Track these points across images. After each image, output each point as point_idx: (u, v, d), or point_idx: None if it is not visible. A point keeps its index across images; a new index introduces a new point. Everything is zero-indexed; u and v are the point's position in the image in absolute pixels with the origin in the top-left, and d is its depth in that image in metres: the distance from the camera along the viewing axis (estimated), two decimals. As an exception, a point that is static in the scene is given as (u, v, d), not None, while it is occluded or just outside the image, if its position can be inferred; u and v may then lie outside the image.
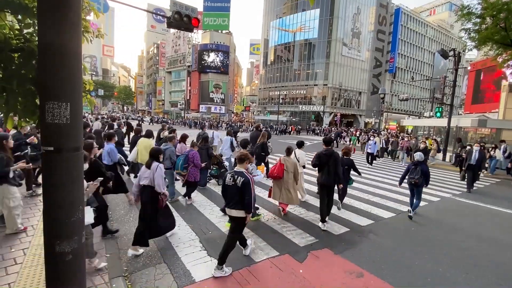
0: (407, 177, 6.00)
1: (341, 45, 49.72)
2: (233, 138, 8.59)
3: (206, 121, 39.20)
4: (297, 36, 52.71)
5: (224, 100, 64.57)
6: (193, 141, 6.39)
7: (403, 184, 6.22)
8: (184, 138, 6.86)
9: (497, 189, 9.84)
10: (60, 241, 1.32)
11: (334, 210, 5.97)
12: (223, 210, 5.07)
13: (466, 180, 9.36)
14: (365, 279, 3.47)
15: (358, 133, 29.31)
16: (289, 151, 5.60)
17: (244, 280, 3.26)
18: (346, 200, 6.78)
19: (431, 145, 16.58)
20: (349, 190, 7.46)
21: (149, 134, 6.57)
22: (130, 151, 7.34)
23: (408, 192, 6.32)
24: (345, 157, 6.20)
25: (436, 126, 22.22)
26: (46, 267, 1.39)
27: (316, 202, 6.52)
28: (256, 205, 4.99)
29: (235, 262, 3.60)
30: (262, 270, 3.50)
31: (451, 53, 15.80)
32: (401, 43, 58.19)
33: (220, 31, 63.56)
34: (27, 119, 1.73)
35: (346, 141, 25.82)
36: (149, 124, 40.50)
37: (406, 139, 15.96)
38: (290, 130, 39.61)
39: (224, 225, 4.74)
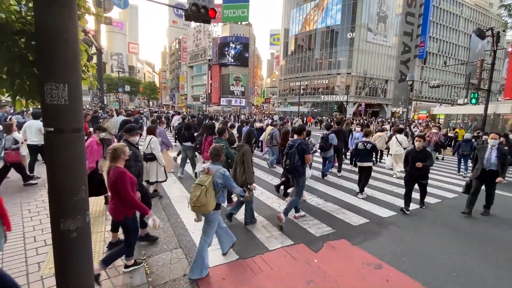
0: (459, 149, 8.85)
1: (366, 30, 47.23)
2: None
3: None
4: (318, 24, 50.91)
5: (245, 92, 64.60)
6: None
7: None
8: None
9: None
10: (65, 219, 1.39)
11: (355, 200, 5.79)
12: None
13: (469, 197, 5.39)
14: (383, 270, 3.33)
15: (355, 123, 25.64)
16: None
17: (257, 267, 3.26)
18: (368, 191, 6.52)
19: (455, 133, 15.41)
20: (371, 181, 7.26)
21: (274, 125, 10.30)
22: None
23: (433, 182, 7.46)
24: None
25: (471, 114, 20.57)
26: (53, 244, 1.47)
27: (334, 192, 6.37)
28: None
29: (248, 250, 3.63)
30: (276, 258, 3.48)
31: (489, 32, 14.35)
32: (433, 26, 54.01)
33: (239, 22, 63.18)
34: (33, 101, 1.82)
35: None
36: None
37: (434, 130, 11.61)
38: (306, 121, 33.63)
39: (238, 214, 4.78)
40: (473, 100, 16.64)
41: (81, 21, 1.86)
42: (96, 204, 4.79)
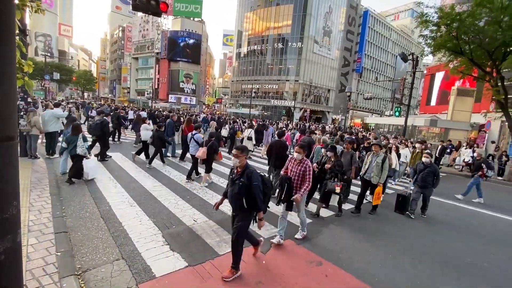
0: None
1: (313, 42, 50.93)
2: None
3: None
4: (271, 30, 52.80)
5: (195, 91, 62.76)
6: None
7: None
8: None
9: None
10: (-10, 241, 1.17)
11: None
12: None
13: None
14: (323, 267, 3.66)
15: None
16: None
17: (206, 274, 3.25)
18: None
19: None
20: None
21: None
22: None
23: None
24: None
25: (395, 124, 23.92)
26: (-28, 269, 1.22)
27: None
28: None
29: (198, 256, 3.58)
30: (225, 263, 3.50)
31: (410, 57, 17.02)
32: (368, 45, 61.26)
33: (192, 18, 61.20)
34: None
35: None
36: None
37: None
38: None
39: (188, 219, 4.67)
40: (397, 113, 19.44)
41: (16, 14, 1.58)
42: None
